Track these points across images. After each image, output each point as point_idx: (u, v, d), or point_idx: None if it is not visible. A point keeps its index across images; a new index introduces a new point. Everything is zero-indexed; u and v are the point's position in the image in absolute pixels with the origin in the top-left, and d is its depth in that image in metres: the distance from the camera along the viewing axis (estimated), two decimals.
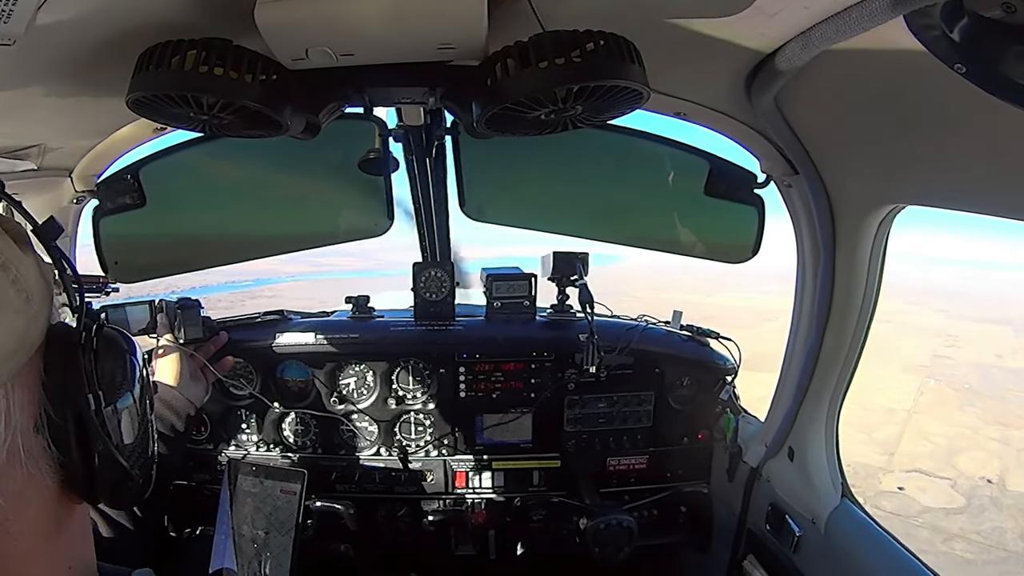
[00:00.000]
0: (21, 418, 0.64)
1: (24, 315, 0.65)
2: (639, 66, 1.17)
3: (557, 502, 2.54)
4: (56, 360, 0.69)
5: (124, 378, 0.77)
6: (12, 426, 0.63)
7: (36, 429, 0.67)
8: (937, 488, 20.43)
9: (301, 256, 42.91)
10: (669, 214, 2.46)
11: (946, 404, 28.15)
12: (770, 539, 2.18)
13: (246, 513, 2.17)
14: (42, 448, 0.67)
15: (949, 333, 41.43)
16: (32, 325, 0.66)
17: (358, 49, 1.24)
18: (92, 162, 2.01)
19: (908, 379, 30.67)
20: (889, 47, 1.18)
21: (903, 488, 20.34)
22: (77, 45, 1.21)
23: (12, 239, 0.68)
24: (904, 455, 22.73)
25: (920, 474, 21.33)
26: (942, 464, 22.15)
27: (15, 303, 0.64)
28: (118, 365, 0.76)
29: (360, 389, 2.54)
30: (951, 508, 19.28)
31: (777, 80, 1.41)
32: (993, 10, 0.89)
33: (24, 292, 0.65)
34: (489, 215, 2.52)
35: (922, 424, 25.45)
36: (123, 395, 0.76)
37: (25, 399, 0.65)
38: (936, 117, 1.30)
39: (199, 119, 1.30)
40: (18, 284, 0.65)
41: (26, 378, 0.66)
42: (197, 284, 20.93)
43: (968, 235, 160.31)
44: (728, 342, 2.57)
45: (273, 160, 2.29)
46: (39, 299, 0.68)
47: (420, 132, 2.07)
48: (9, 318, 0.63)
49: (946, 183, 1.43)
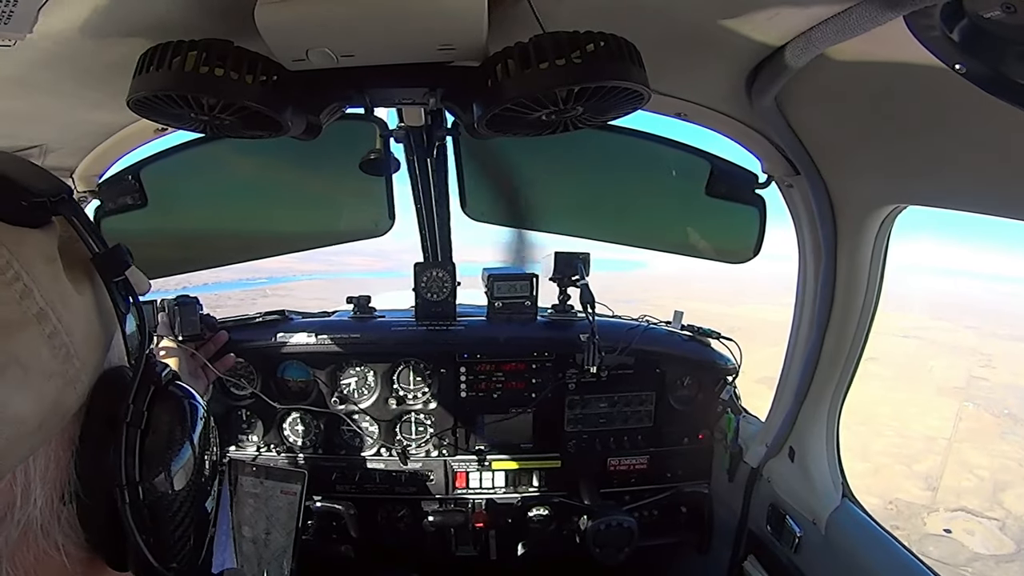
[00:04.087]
0: (43, 491, 0.53)
1: (59, 378, 0.53)
2: (639, 67, 1.17)
3: (557, 502, 2.54)
4: (94, 429, 0.57)
5: (179, 459, 0.62)
6: (30, 500, 0.52)
7: (63, 500, 0.55)
8: (986, 531, 19.69)
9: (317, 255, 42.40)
10: (670, 214, 2.46)
11: (987, 432, 27.41)
12: (771, 539, 2.17)
13: (247, 513, 2.17)
14: (68, 524, 0.56)
15: (983, 352, 40.68)
16: (68, 390, 0.54)
17: (358, 50, 1.24)
18: (94, 162, 2.01)
19: (944, 403, 29.98)
20: (889, 47, 1.18)
21: (950, 531, 19.62)
22: (78, 46, 1.21)
23: (67, 272, 0.57)
24: (948, 490, 22.03)
25: (966, 514, 20.63)
26: (988, 502, 21.44)
27: (48, 365, 0.52)
28: (174, 441, 0.62)
29: (361, 389, 2.54)
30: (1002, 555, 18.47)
31: (778, 80, 1.41)
32: (993, 10, 0.89)
33: (63, 348, 0.54)
34: (490, 216, 2.53)
35: (963, 454, 24.71)
36: (175, 478, 0.61)
37: (52, 467, 0.54)
38: (936, 117, 1.30)
39: (200, 120, 1.30)
40: (56, 339, 0.53)
41: (55, 447, 0.55)
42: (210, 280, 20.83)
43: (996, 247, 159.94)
44: (729, 342, 2.57)
45: (274, 161, 2.29)
46: (85, 352, 0.57)
47: (421, 133, 2.07)
48: (37, 385, 0.51)
49: (947, 183, 1.43)
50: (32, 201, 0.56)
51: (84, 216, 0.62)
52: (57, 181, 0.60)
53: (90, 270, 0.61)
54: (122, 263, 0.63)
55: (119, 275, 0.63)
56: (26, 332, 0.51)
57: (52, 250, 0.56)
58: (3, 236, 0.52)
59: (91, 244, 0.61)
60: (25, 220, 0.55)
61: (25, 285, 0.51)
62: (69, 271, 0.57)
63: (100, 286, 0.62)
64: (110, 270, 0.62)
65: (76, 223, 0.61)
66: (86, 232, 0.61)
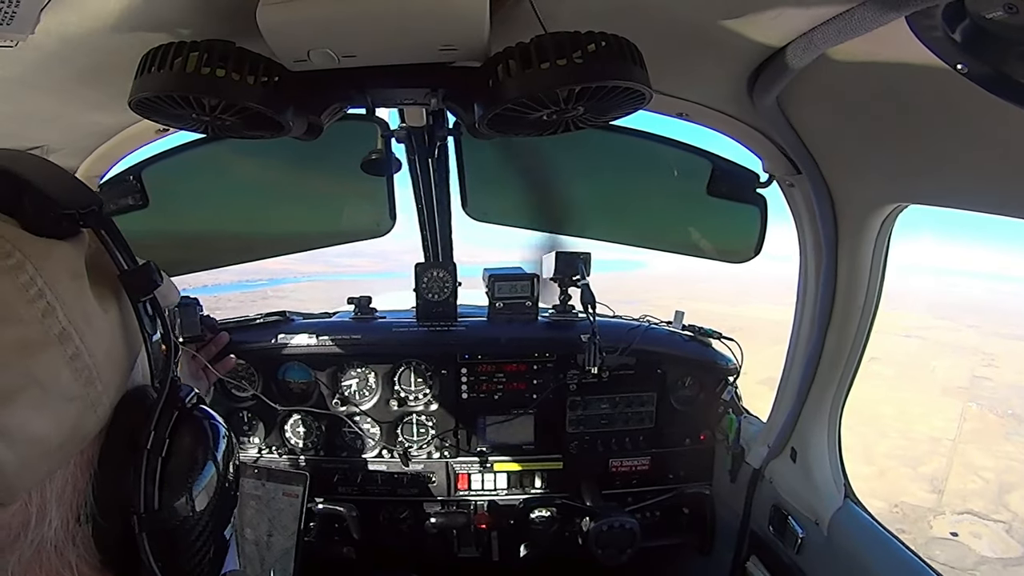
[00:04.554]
0: (59, 512, 0.53)
1: (80, 402, 0.52)
2: (641, 67, 1.17)
3: (560, 504, 2.53)
4: (114, 452, 0.56)
5: (199, 486, 0.60)
6: (45, 521, 0.52)
7: (79, 520, 0.55)
8: (992, 534, 19.53)
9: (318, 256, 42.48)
10: (672, 214, 2.46)
11: (991, 433, 27.24)
12: (773, 540, 2.17)
13: (249, 515, 2.17)
14: (83, 545, 0.55)
15: (985, 351, 40.58)
16: (88, 413, 0.53)
17: (360, 51, 1.24)
18: (95, 163, 2.01)
19: (948, 403, 29.82)
20: (891, 47, 1.18)
21: (956, 534, 19.46)
22: (80, 47, 1.21)
23: (94, 288, 0.55)
24: (953, 493, 21.86)
25: (972, 516, 20.46)
26: (994, 504, 21.25)
27: (69, 388, 0.51)
28: (195, 469, 0.60)
29: (362, 390, 2.54)
30: (1009, 558, 18.30)
31: (779, 81, 1.41)
32: (995, 11, 0.89)
33: (85, 371, 0.52)
34: (491, 215, 2.53)
35: (968, 455, 24.52)
36: (194, 505, 0.60)
37: (69, 488, 0.54)
38: (938, 117, 1.30)
39: (201, 120, 1.30)
40: (78, 361, 0.51)
41: (75, 464, 0.54)
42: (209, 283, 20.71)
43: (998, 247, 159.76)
44: (730, 342, 2.57)
45: (276, 161, 2.30)
46: (108, 374, 0.55)
47: (422, 133, 2.07)
48: (56, 407, 0.50)
49: (948, 182, 1.43)
50: (61, 213, 0.54)
51: (115, 229, 0.60)
52: (88, 191, 0.58)
53: (117, 286, 0.59)
54: (150, 283, 0.61)
55: (147, 294, 0.61)
56: (47, 352, 0.49)
57: (79, 265, 0.55)
58: (29, 249, 0.50)
59: (120, 261, 0.60)
60: (53, 232, 0.53)
61: (48, 303, 0.49)
62: (95, 287, 0.56)
63: (127, 302, 0.60)
64: (137, 290, 0.61)
65: (105, 237, 0.59)
66: (115, 248, 0.60)
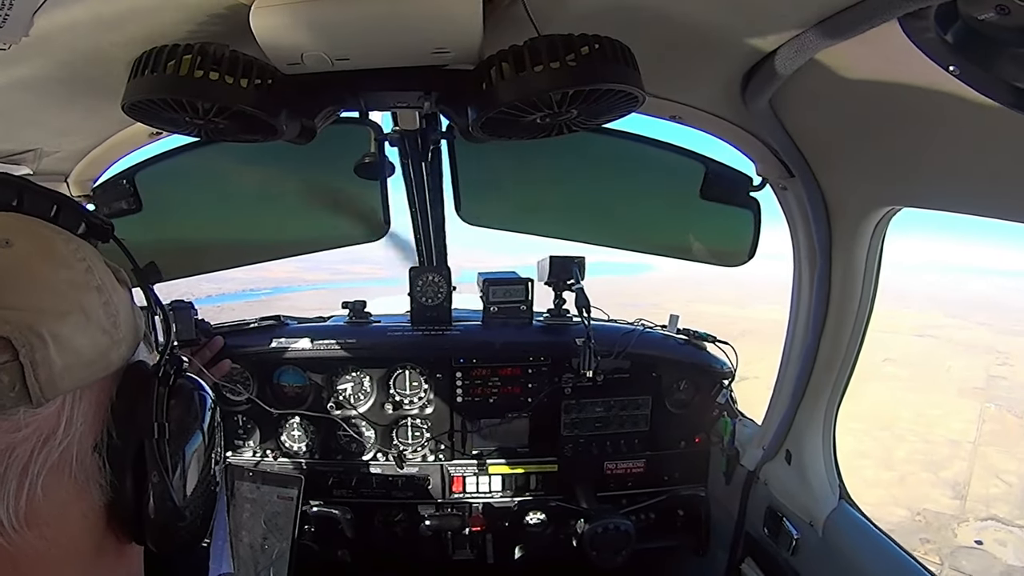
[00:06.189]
0: (82, 429, 0.64)
1: (109, 336, 0.66)
2: (634, 70, 1.17)
3: (554, 506, 2.54)
4: (129, 386, 0.69)
5: (194, 423, 0.76)
6: (71, 434, 0.62)
7: (95, 448, 0.66)
8: (1018, 540, 19.16)
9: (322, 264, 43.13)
10: (665, 217, 2.46)
11: (1010, 434, 26.83)
12: (768, 542, 2.17)
13: (244, 519, 2.16)
14: (97, 467, 0.66)
15: (999, 349, 40.27)
16: (113, 349, 0.67)
17: (353, 53, 1.24)
18: (88, 167, 2.00)
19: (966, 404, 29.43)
20: (883, 49, 1.19)
21: (981, 542, 19.09)
22: (73, 49, 1.21)
23: (112, 272, 0.71)
24: (976, 498, 21.48)
25: (996, 523, 20.10)
26: (1018, 509, 20.88)
27: (103, 322, 0.66)
28: (191, 408, 0.76)
29: (357, 394, 2.54)
30: None
31: (772, 83, 1.42)
32: (987, 12, 0.89)
33: (113, 316, 0.67)
34: (485, 219, 2.52)
35: (989, 458, 24.12)
36: (189, 439, 0.75)
37: (90, 414, 0.65)
38: (931, 119, 1.31)
39: (194, 124, 1.29)
40: (109, 307, 0.67)
41: (96, 394, 0.66)
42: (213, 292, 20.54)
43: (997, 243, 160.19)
44: (725, 346, 2.57)
45: (269, 165, 2.29)
46: (125, 329, 0.69)
47: (416, 136, 2.07)
48: (94, 331, 0.64)
49: (941, 185, 1.44)
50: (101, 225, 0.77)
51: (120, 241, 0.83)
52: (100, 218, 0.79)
53: (123, 279, 0.74)
54: (157, 274, 0.87)
55: (157, 281, 0.86)
56: (89, 294, 0.66)
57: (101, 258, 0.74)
58: (77, 241, 0.70)
59: (135, 260, 0.86)
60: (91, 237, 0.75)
61: (89, 266, 0.67)
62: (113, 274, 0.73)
63: (130, 295, 0.75)
64: (149, 279, 0.85)
65: (124, 246, 0.84)
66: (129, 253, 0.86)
